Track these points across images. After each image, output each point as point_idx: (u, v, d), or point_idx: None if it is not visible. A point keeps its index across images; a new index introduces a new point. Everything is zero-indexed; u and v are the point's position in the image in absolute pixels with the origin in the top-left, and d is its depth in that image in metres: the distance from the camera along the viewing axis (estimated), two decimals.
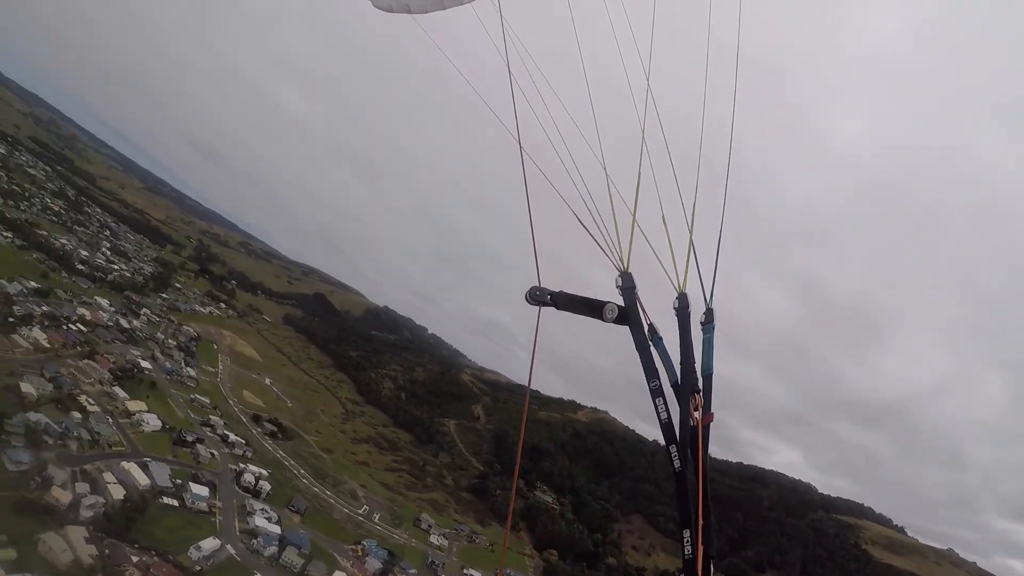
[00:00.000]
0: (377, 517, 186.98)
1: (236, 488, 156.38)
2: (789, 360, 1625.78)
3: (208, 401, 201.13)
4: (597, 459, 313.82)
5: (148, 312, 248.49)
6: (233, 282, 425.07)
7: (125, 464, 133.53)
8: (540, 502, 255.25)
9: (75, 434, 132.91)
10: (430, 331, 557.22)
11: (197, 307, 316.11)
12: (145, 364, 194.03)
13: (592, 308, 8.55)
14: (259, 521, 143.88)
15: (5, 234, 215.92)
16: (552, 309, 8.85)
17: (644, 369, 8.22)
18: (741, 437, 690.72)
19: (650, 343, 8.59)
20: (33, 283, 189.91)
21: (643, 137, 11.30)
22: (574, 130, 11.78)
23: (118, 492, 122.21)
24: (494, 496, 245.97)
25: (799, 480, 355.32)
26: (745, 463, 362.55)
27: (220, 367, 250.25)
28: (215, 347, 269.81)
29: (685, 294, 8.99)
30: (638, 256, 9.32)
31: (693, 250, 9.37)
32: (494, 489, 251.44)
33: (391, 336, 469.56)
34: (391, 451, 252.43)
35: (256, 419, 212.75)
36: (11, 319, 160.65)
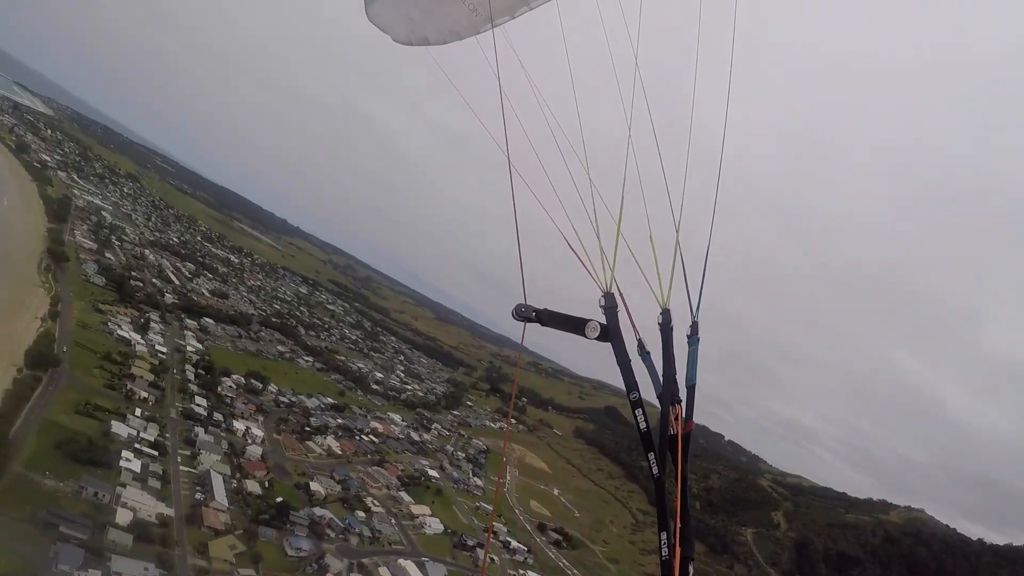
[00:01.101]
0: None
1: None
2: None
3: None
4: (913, 565, 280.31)
5: (439, 427, 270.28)
6: (524, 399, 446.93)
7: (402, 561, 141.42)
8: None
9: (357, 530, 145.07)
10: (727, 438, 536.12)
11: (487, 422, 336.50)
12: (433, 473, 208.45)
13: (575, 325, 9.25)
14: None
15: (307, 358, 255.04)
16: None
17: (624, 383, 8.89)
18: None
19: (639, 357, 9.38)
20: (330, 399, 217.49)
21: (629, 137, 11.56)
22: (566, 149, 12.04)
23: None
24: None
25: None
26: None
27: (508, 478, 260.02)
28: (504, 459, 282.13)
29: (668, 310, 9.66)
30: (637, 275, 10.10)
31: (683, 267, 9.87)
32: None
33: None
34: None
35: (541, 528, 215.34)
36: (307, 428, 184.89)
